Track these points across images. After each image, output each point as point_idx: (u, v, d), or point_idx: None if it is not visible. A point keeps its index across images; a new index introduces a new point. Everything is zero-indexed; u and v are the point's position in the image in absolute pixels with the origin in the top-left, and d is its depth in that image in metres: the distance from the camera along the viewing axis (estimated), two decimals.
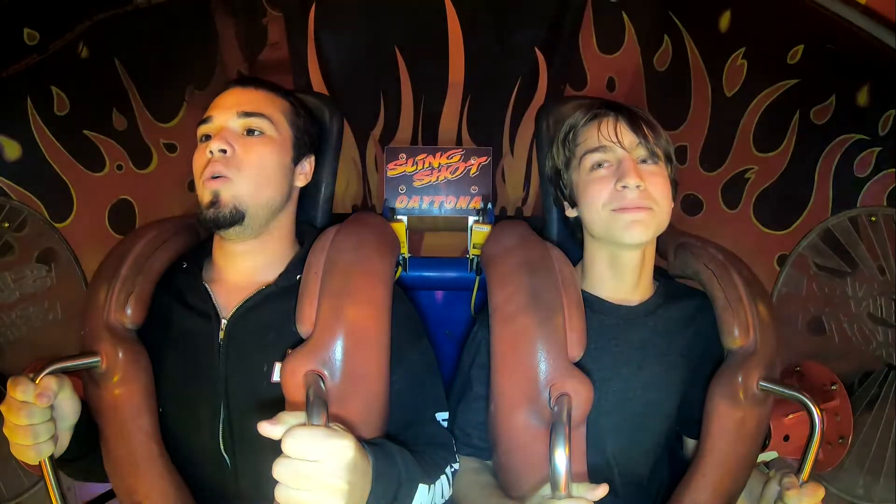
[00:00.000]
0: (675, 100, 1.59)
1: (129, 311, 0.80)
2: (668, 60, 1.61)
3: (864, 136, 1.17)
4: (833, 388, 1.01)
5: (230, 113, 0.85)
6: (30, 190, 1.31)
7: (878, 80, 1.14)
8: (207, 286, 0.86)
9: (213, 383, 0.82)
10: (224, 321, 0.83)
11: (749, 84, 1.41)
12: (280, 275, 0.87)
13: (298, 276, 0.85)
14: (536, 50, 1.81)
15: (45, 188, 1.35)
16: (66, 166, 1.38)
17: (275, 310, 0.83)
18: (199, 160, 0.84)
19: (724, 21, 1.45)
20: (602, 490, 0.67)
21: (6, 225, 1.27)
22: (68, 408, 0.75)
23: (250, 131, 0.85)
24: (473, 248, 1.22)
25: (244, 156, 0.83)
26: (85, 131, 1.42)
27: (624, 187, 0.83)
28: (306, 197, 0.98)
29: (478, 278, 1.21)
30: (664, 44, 1.61)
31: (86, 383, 0.82)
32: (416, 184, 1.29)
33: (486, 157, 1.29)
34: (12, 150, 1.30)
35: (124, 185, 1.49)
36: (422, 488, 0.75)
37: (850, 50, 1.16)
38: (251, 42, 1.76)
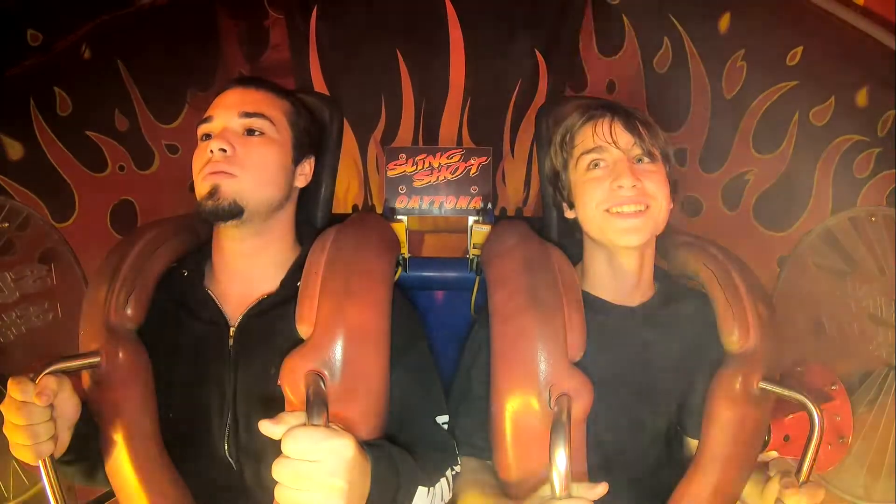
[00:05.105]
0: (675, 102, 1.58)
1: (129, 311, 0.81)
2: (668, 62, 1.61)
3: (864, 138, 1.17)
4: (833, 388, 1.01)
5: (231, 113, 0.85)
6: (32, 190, 1.31)
7: (876, 82, 1.14)
8: (211, 293, 0.87)
9: (222, 389, 0.82)
10: (232, 328, 0.84)
11: (748, 85, 1.41)
12: (283, 280, 0.87)
13: (300, 282, 0.85)
14: (537, 52, 1.81)
15: (48, 188, 1.34)
16: (68, 167, 1.38)
17: (281, 315, 0.83)
18: (199, 158, 0.84)
19: (724, 23, 1.45)
20: (602, 489, 0.68)
21: (6, 225, 1.27)
22: (68, 408, 0.75)
23: (251, 131, 0.86)
24: (473, 248, 1.23)
25: (245, 156, 0.83)
26: (87, 132, 1.42)
27: (619, 187, 0.83)
28: (306, 197, 0.98)
29: (478, 278, 1.21)
30: (664, 46, 1.61)
31: (86, 383, 0.82)
32: (416, 184, 1.30)
33: (485, 158, 1.29)
34: (15, 151, 1.30)
35: (126, 186, 1.49)
36: (421, 490, 0.76)
37: (849, 51, 1.16)
38: (253, 44, 1.77)
